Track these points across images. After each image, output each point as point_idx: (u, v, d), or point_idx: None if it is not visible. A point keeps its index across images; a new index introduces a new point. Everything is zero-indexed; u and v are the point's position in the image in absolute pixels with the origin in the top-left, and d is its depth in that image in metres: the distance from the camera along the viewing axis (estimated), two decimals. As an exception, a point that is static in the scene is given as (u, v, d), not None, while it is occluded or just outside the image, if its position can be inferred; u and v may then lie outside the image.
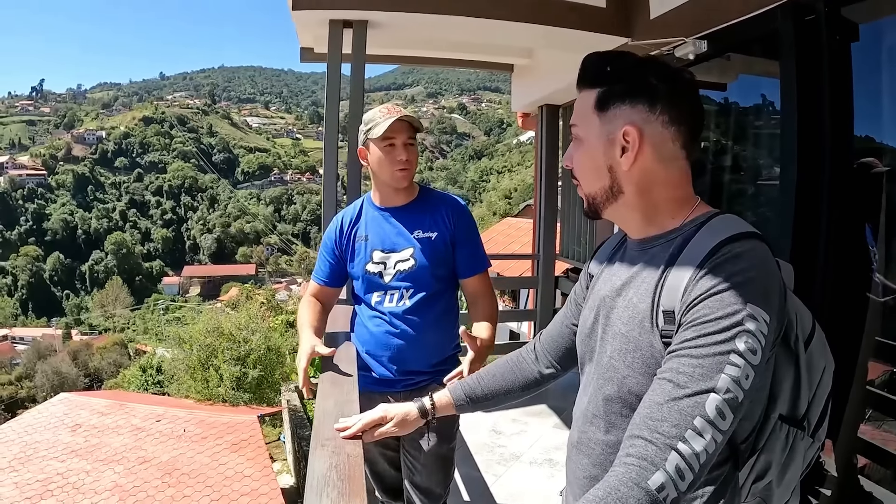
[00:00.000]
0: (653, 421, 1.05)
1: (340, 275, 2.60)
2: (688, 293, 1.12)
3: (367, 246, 2.50)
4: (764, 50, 3.19)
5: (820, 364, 1.27)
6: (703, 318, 1.08)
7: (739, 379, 1.04)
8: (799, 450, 1.27)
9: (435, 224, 2.47)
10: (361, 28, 3.75)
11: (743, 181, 3.65)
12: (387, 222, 2.51)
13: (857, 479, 2.63)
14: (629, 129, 1.20)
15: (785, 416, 1.25)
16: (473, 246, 2.53)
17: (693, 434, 1.02)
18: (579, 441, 1.38)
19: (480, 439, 4.57)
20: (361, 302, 2.56)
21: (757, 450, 1.24)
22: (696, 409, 1.03)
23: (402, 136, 2.39)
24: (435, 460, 2.48)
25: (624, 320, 1.25)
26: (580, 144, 1.29)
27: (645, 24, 3.91)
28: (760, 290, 1.08)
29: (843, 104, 2.64)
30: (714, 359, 1.05)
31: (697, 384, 1.04)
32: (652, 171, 1.23)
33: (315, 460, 1.49)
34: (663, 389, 1.07)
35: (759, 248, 1.13)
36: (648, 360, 1.18)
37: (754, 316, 1.06)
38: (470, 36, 4.59)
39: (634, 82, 1.22)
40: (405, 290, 2.45)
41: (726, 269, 1.09)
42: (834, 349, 1.31)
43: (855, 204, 2.64)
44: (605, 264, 1.43)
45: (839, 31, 2.63)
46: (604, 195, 1.27)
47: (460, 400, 1.65)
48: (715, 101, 3.92)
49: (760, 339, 1.06)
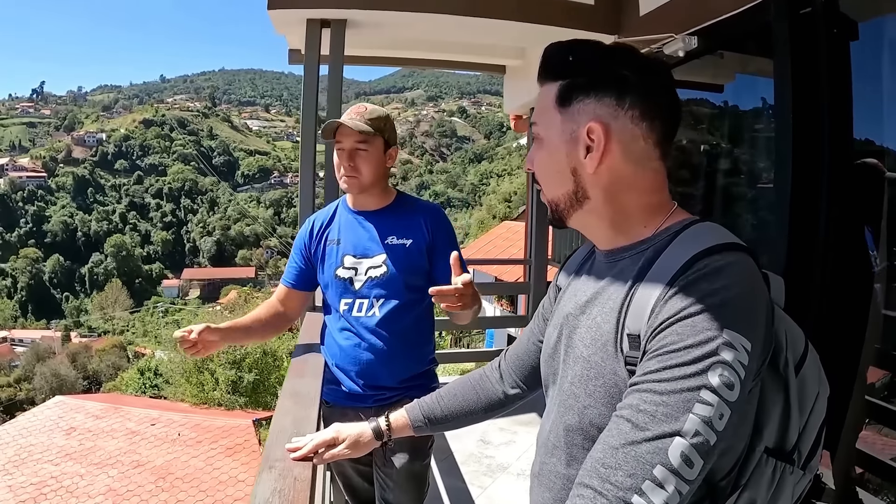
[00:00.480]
0: (605, 468, 0.91)
1: (308, 278, 2.48)
2: (655, 315, 0.96)
3: (338, 250, 2.38)
4: (757, 46, 3.06)
5: (813, 390, 1.10)
6: (671, 346, 0.92)
7: (711, 420, 0.88)
8: (787, 485, 1.08)
9: (410, 231, 2.35)
10: (340, 27, 3.67)
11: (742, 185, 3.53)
12: (360, 227, 2.39)
13: (856, 492, 2.51)
14: (594, 125, 1.04)
15: (772, 449, 1.07)
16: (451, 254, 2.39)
17: (652, 486, 0.86)
18: (540, 472, 1.23)
19: (467, 449, 4.44)
20: (331, 311, 2.43)
21: (739, 486, 1.05)
22: (657, 457, 0.87)
23: (348, 140, 2.26)
24: (407, 478, 2.34)
25: (586, 342, 1.10)
26: (541, 145, 1.14)
27: (634, 20, 3.83)
28: (741, 312, 0.92)
29: (841, 102, 2.50)
30: (681, 395, 0.89)
31: (660, 426, 0.88)
32: (621, 173, 1.07)
33: (259, 483, 1.41)
34: (620, 430, 0.92)
35: (741, 262, 0.97)
36: (612, 390, 1.03)
37: (732, 344, 0.89)
38: (456, 35, 4.51)
39: (600, 73, 1.07)
40: (375, 298, 2.32)
41: (700, 288, 0.93)
42: (833, 360, 1.15)
43: (855, 207, 2.51)
44: (573, 277, 1.28)
45: (837, 24, 2.49)
46: (567, 201, 1.12)
47: (418, 421, 1.54)
48: (711, 102, 3.82)
49: (739, 372, 0.89)
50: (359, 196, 2.38)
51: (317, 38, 3.63)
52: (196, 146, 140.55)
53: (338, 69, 3.65)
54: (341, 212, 2.46)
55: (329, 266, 2.39)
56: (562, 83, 1.09)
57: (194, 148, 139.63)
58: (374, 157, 2.29)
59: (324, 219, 2.48)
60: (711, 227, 1.05)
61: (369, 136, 2.27)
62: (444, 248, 2.34)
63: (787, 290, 1.16)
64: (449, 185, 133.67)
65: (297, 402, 1.93)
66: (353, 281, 2.34)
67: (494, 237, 21.44)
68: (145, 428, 11.51)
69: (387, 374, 2.33)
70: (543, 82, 1.13)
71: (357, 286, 2.33)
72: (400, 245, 2.33)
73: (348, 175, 2.28)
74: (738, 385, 0.89)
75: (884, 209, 2.46)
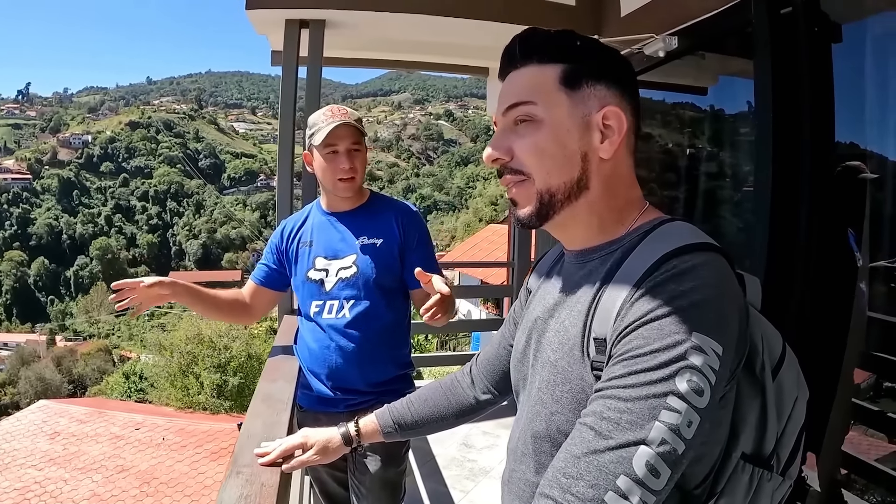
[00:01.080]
0: (566, 478, 0.86)
1: (274, 279, 2.47)
2: (621, 318, 0.92)
3: (310, 252, 2.37)
4: (738, 46, 3.05)
5: (791, 394, 1.05)
6: (637, 350, 0.88)
7: (679, 427, 0.83)
8: (765, 492, 1.03)
9: (381, 230, 2.33)
10: (319, 28, 3.65)
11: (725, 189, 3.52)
12: (332, 228, 2.37)
13: (842, 495, 2.51)
14: (613, 109, 1.01)
15: (749, 455, 1.02)
16: (424, 255, 2.36)
17: (615, 497, 0.82)
18: (510, 479, 1.19)
19: (449, 453, 4.41)
20: (302, 314, 2.41)
21: (715, 494, 1.00)
22: (621, 466, 0.83)
23: (345, 142, 2.24)
24: (382, 485, 2.31)
25: (554, 346, 1.05)
26: (538, 127, 1.03)
27: (615, 21, 3.83)
28: (711, 314, 0.87)
29: (823, 103, 2.48)
30: (646, 402, 0.84)
31: (624, 434, 0.84)
32: (622, 164, 1.05)
33: (226, 489, 1.38)
34: (583, 438, 0.88)
35: (713, 263, 0.92)
36: (579, 396, 0.98)
37: (701, 348, 0.85)
38: (437, 36, 4.48)
39: (608, 61, 1.04)
40: (346, 300, 2.29)
41: (668, 289, 0.89)
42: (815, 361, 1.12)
43: (837, 210, 2.50)
44: (543, 279, 1.23)
45: (818, 23, 2.48)
46: (566, 191, 1.03)
47: (388, 427, 1.50)
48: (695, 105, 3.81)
49: (709, 377, 0.85)
50: (334, 197, 2.36)
51: (295, 39, 3.61)
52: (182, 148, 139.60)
53: (316, 70, 3.63)
54: (314, 214, 2.45)
55: (300, 268, 2.38)
56: (567, 66, 1.03)
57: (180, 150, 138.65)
58: (364, 157, 2.31)
59: (296, 221, 2.47)
60: (682, 227, 1.01)
61: (360, 137, 2.28)
62: (416, 248, 2.35)
63: (768, 292, 1.12)
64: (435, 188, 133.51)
65: (269, 406, 1.92)
66: (323, 282, 2.32)
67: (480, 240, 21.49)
68: (129, 432, 11.49)
69: (357, 377, 2.30)
70: (530, 63, 1.06)
71: (328, 287, 2.31)
72: (371, 245, 2.31)
73: (348, 176, 2.26)
74: (709, 391, 0.85)
75: (866, 211, 2.45)
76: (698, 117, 3.85)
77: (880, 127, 2.51)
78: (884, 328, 2.46)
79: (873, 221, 2.45)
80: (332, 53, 3.69)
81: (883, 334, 2.47)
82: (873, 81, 2.49)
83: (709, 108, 3.77)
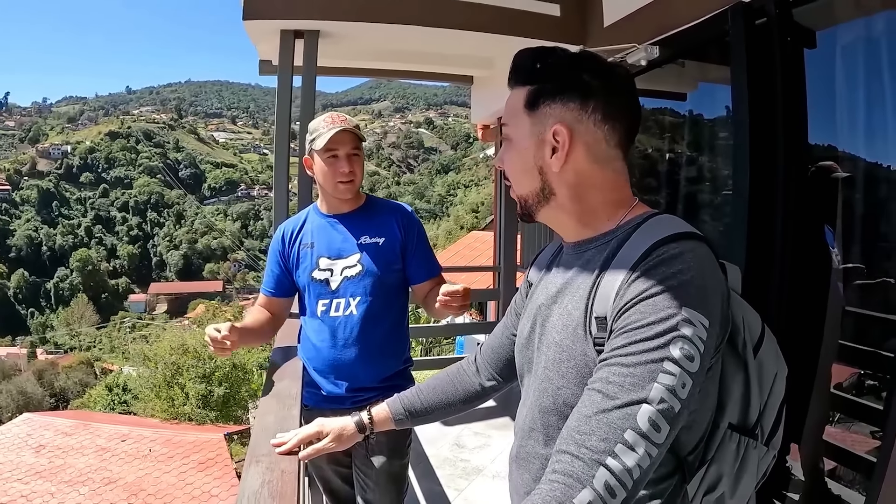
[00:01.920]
0: (580, 434, 0.98)
1: (287, 285, 2.52)
2: (619, 298, 1.05)
3: (312, 253, 2.43)
4: (716, 54, 3.18)
5: (771, 370, 1.20)
6: (635, 323, 1.01)
7: (675, 388, 0.96)
8: (752, 459, 1.18)
9: (382, 230, 2.42)
10: (313, 38, 3.72)
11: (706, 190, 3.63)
12: (333, 229, 2.44)
13: (825, 483, 2.62)
14: (559, 128, 1.13)
15: (735, 425, 1.17)
16: (425, 251, 2.48)
17: (624, 448, 0.94)
18: (518, 455, 1.31)
19: (442, 454, 4.48)
20: (308, 314, 2.48)
21: (706, 461, 1.15)
22: (627, 422, 0.95)
23: (345, 147, 2.33)
24: (387, 478, 2.39)
25: (558, 329, 1.17)
26: (510, 145, 1.23)
27: (599, 31, 3.92)
28: (698, 292, 1.01)
29: (796, 108, 2.62)
30: (646, 367, 0.97)
31: (628, 394, 0.97)
32: (586, 172, 1.16)
33: (248, 477, 1.43)
34: (592, 401, 1.00)
35: (697, 249, 1.05)
36: (583, 370, 1.10)
37: (690, 320, 0.98)
38: (426, 46, 4.59)
39: (566, 79, 1.15)
40: (352, 297, 2.37)
41: (660, 272, 1.02)
42: (794, 353, 1.24)
43: (811, 207, 2.62)
44: (544, 271, 1.36)
45: (791, 33, 2.61)
46: (535, 197, 1.21)
47: (399, 414, 1.59)
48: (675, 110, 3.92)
49: (698, 345, 0.98)
50: (338, 201, 2.44)
51: (290, 49, 3.67)
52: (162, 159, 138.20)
53: (311, 79, 3.70)
54: (312, 217, 2.52)
55: (304, 269, 2.44)
56: (530, 88, 1.17)
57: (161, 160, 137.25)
58: (363, 161, 2.41)
59: (294, 225, 2.53)
60: (669, 219, 1.13)
61: (359, 142, 2.38)
62: (416, 246, 2.45)
63: (748, 285, 1.26)
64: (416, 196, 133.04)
65: (280, 402, 1.96)
66: (329, 282, 2.39)
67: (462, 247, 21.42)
68: (116, 444, 11.36)
69: (366, 373, 2.36)
70: (513, 87, 1.21)
71: (334, 286, 2.38)
72: (373, 244, 2.40)
73: (347, 180, 2.35)
74: (699, 357, 0.98)
75: (838, 208, 2.57)
76: (679, 122, 3.96)
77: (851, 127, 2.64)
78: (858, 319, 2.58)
79: (845, 217, 2.58)
80: (320, 63, 3.75)
81: (857, 325, 2.59)
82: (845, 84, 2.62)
83: (689, 113, 3.88)
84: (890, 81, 2.36)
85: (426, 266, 2.48)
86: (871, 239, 2.61)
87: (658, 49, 3.34)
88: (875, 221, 2.59)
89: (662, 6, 3.30)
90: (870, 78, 2.49)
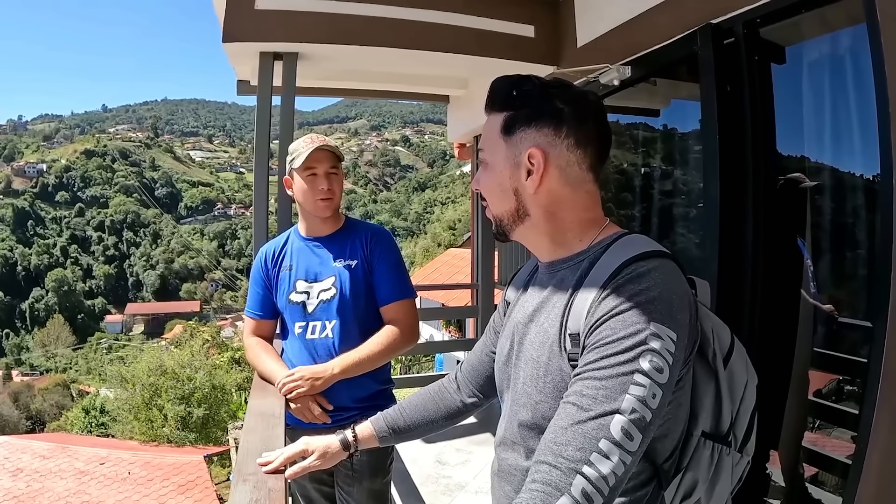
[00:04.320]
0: (557, 445, 1.02)
1: (273, 305, 2.53)
2: (591, 315, 1.10)
3: (290, 276, 2.46)
4: (687, 73, 3.25)
5: (742, 379, 1.26)
6: (606, 339, 1.06)
7: (645, 398, 1.01)
8: (726, 466, 1.25)
9: (355, 252, 2.44)
10: (291, 60, 3.73)
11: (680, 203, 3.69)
12: (312, 252, 2.48)
13: (805, 487, 2.66)
14: (534, 151, 1.19)
15: (708, 433, 1.23)
16: (391, 272, 2.47)
17: (599, 457, 0.99)
18: (500, 469, 1.35)
19: (425, 471, 4.47)
20: (287, 335, 2.50)
21: (682, 468, 1.22)
22: (601, 432, 1.00)
23: (323, 165, 2.37)
24: (368, 496, 2.40)
25: (535, 346, 1.23)
26: (486, 168, 1.28)
27: (572, 52, 3.97)
28: (665, 307, 1.06)
29: (764, 123, 2.69)
30: (617, 380, 1.03)
31: (601, 406, 1.02)
32: (558, 193, 1.21)
33: (236, 495, 1.47)
34: (567, 413, 1.05)
35: (664, 266, 1.11)
36: (559, 385, 1.15)
37: (659, 334, 1.04)
38: (403, 67, 4.66)
39: (539, 106, 1.20)
40: (328, 320, 2.40)
41: (629, 289, 1.08)
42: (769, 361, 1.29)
43: (782, 218, 2.67)
44: (521, 290, 1.41)
45: (758, 52, 2.68)
46: (510, 217, 1.26)
47: (383, 432, 1.63)
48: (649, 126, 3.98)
49: (667, 358, 1.04)
50: (317, 222, 2.47)
51: (269, 71, 3.68)
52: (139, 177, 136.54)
53: (290, 101, 3.72)
54: (293, 239, 2.54)
55: (283, 292, 2.47)
56: (506, 114, 1.22)
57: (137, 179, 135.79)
58: (341, 180, 2.44)
59: (276, 247, 2.55)
60: (638, 238, 1.19)
61: (338, 161, 2.41)
62: (379, 262, 2.45)
63: (721, 296, 1.31)
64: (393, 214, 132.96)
65: (263, 421, 1.99)
66: (305, 305, 2.42)
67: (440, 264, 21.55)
68: (94, 467, 11.18)
69: (343, 393, 2.36)
70: (490, 112, 1.26)
71: (310, 309, 2.41)
72: (347, 266, 2.43)
73: (325, 198, 2.38)
74: (668, 369, 1.03)
75: (808, 217, 2.64)
76: (652, 137, 4.03)
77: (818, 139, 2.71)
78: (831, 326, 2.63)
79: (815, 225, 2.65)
80: (298, 83, 3.77)
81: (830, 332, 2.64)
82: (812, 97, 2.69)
83: (662, 129, 3.95)
84: (854, 94, 2.43)
85: (388, 288, 2.45)
86: (841, 246, 2.67)
87: (630, 69, 3.40)
88: (844, 229, 2.65)
89: (633, 27, 3.35)
90: (835, 91, 2.56)
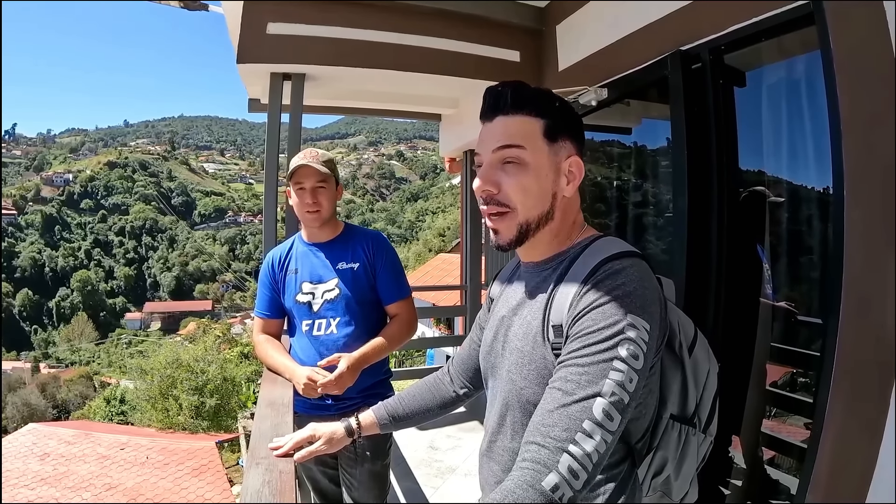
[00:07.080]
0: (544, 427, 1.04)
1: (280, 306, 2.54)
2: (573, 308, 1.12)
3: (297, 279, 2.47)
4: (658, 95, 3.25)
5: (704, 367, 1.29)
6: (587, 329, 1.08)
7: (624, 382, 1.03)
8: (692, 445, 1.27)
9: (356, 256, 2.45)
10: (299, 80, 3.75)
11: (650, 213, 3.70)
12: (314, 256, 2.48)
13: (764, 469, 2.67)
14: (576, 159, 1.21)
15: (676, 416, 1.26)
16: (393, 275, 2.50)
17: (583, 436, 1.00)
18: (488, 450, 1.35)
19: (419, 455, 4.48)
20: (295, 332, 2.50)
21: (653, 448, 1.24)
22: (585, 413, 1.02)
23: (310, 180, 2.37)
24: (370, 477, 2.42)
25: (519, 336, 1.24)
26: (524, 169, 1.19)
27: (554, 75, 3.99)
28: (639, 301, 1.08)
29: (727, 140, 2.70)
30: (598, 366, 1.04)
31: (584, 390, 1.03)
32: (572, 199, 1.24)
33: (249, 477, 1.48)
34: (553, 397, 1.06)
35: (637, 265, 1.13)
36: (542, 372, 1.17)
37: (634, 325, 1.06)
38: (400, 87, 4.66)
39: (576, 120, 1.24)
40: (332, 318, 2.41)
41: (607, 284, 1.10)
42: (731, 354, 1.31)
43: (743, 227, 2.70)
44: (505, 287, 1.41)
45: (723, 76, 2.70)
46: (538, 220, 1.21)
47: (384, 419, 1.64)
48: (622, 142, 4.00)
49: (642, 346, 1.06)
50: (314, 230, 2.47)
51: (279, 90, 3.70)
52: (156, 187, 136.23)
53: (297, 118, 3.73)
54: (297, 245, 2.55)
55: (290, 293, 2.47)
56: (548, 121, 1.19)
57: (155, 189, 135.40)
58: (330, 193, 2.42)
59: (282, 252, 2.56)
60: (612, 240, 1.21)
61: (326, 176, 2.39)
62: (383, 270, 2.46)
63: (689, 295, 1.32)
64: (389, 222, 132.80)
65: (274, 409, 1.99)
66: (311, 304, 2.43)
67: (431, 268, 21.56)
68: (115, 452, 11.15)
69: None
70: (521, 114, 1.20)
71: (316, 308, 2.42)
72: (349, 269, 2.43)
73: (311, 210, 2.38)
74: (643, 355, 1.05)
75: (766, 226, 2.67)
76: (625, 153, 4.04)
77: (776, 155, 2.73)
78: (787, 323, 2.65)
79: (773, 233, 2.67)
80: (305, 102, 3.78)
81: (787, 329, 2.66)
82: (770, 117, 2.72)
83: (634, 146, 3.97)
84: (809, 114, 2.44)
85: (391, 289, 2.49)
86: (797, 251, 2.68)
87: (606, 91, 3.42)
88: (799, 235, 2.66)
89: (610, 53, 3.39)
90: (791, 111, 2.58)
